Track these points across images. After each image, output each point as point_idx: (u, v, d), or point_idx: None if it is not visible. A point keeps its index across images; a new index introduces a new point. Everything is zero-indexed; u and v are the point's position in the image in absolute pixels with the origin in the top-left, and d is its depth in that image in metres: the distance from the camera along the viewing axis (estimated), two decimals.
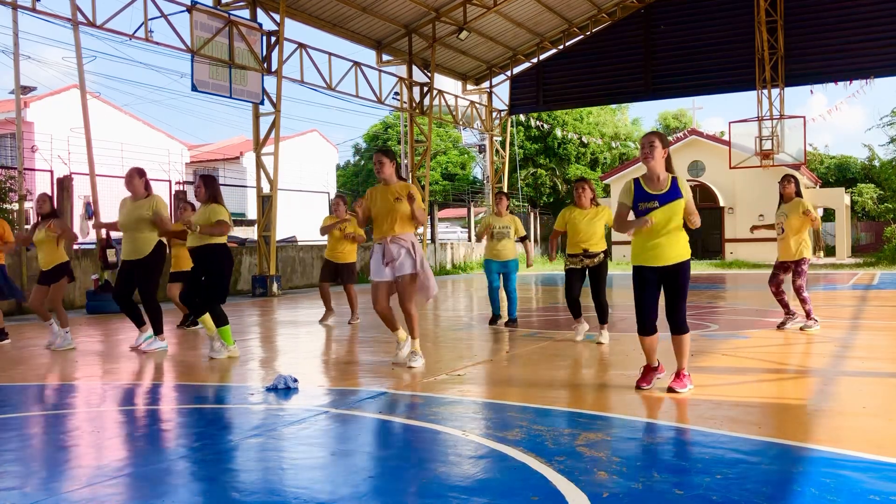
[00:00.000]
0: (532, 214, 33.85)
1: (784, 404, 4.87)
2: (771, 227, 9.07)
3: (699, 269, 26.17)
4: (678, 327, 5.27)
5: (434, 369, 6.35)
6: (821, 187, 37.26)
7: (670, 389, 5.20)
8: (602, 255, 7.76)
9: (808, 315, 8.54)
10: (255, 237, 17.50)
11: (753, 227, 9.36)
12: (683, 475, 3.42)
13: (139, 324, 7.82)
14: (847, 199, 34.30)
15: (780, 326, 8.70)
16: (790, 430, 4.24)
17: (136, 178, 7.67)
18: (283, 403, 5.12)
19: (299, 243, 20.86)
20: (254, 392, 5.55)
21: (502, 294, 9.50)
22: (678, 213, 5.18)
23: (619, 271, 22.07)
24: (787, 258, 8.44)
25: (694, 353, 6.96)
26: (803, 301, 8.49)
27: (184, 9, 14.50)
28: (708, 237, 33.88)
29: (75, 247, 13.49)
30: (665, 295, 5.32)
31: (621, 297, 13.43)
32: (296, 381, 5.61)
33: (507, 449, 3.87)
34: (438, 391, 5.44)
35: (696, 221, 5.24)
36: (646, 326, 5.35)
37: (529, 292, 15.89)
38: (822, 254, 35.17)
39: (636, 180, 5.29)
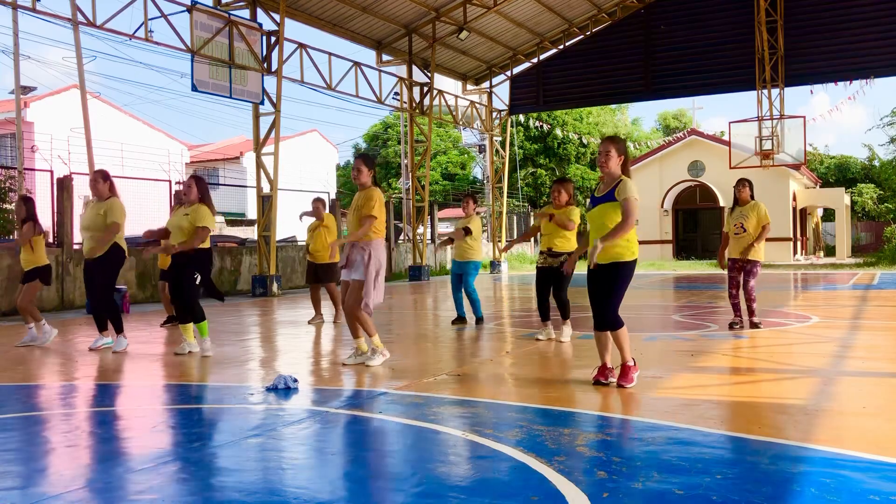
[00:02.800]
0: (532, 214, 33.87)
1: (784, 404, 4.87)
2: (724, 243, 9.02)
3: (699, 268, 26.17)
4: (607, 324, 5.41)
5: (434, 369, 6.35)
6: (821, 187, 37.26)
7: (619, 386, 5.38)
8: (565, 256, 7.76)
9: (752, 313, 8.72)
10: (255, 237, 17.50)
11: (720, 262, 9.05)
12: (683, 475, 3.41)
13: (101, 328, 7.96)
14: (847, 199, 34.30)
15: (732, 327, 8.75)
16: (790, 430, 4.24)
17: (101, 182, 7.77)
18: (283, 403, 5.12)
19: (299, 243, 20.85)
20: (254, 392, 5.55)
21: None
22: (606, 215, 5.35)
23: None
24: (744, 256, 8.56)
25: (694, 353, 6.97)
26: (753, 300, 8.70)
27: (184, 9, 14.50)
28: (708, 237, 33.90)
29: (75, 246, 13.48)
30: (597, 292, 5.48)
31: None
32: (296, 381, 5.61)
33: (507, 449, 3.87)
34: (438, 391, 5.44)
35: (622, 229, 5.21)
36: (595, 321, 5.54)
37: (529, 292, 15.89)
38: (821, 254, 35.20)
39: (598, 183, 5.62)
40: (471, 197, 9.95)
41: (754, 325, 8.70)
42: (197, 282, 7.28)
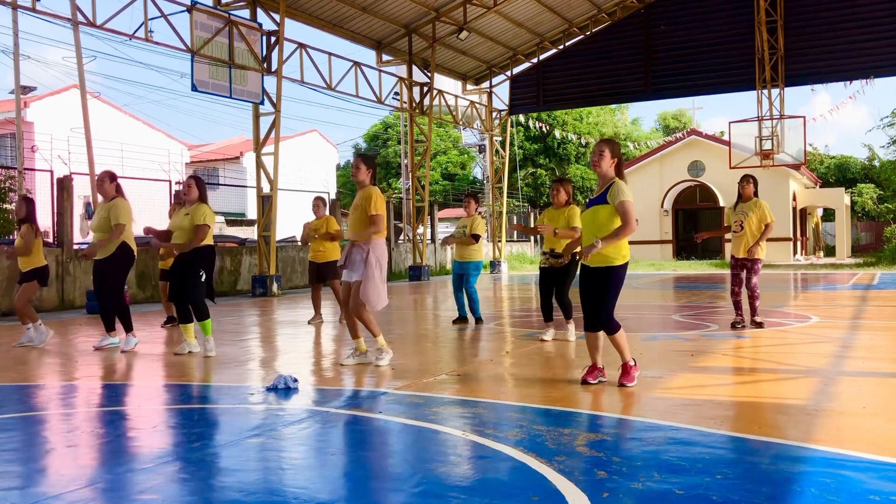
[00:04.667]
0: (532, 214, 33.88)
1: (784, 404, 4.87)
2: (717, 232, 9.98)
3: (699, 269, 26.17)
4: (605, 328, 5.42)
5: (434, 369, 6.35)
6: (821, 187, 37.27)
7: (621, 385, 5.38)
8: (569, 257, 7.72)
9: (754, 312, 8.67)
10: (255, 237, 17.51)
11: (698, 236, 9.14)
12: (683, 475, 3.41)
13: (109, 327, 7.99)
14: (847, 199, 34.31)
15: (734, 326, 8.74)
16: (790, 430, 4.24)
17: (107, 182, 7.80)
18: (283, 403, 5.12)
19: (299, 243, 20.85)
20: (254, 392, 5.55)
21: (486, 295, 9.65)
22: (599, 218, 5.35)
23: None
24: (745, 256, 8.51)
25: (694, 353, 6.97)
26: (756, 297, 8.63)
27: (184, 9, 14.50)
28: (708, 237, 33.89)
29: (75, 247, 13.48)
30: (589, 295, 5.49)
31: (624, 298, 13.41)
32: (296, 381, 5.61)
33: (507, 449, 3.87)
34: (438, 391, 5.44)
35: (624, 231, 5.21)
36: (585, 322, 5.54)
37: (529, 292, 15.89)
38: (821, 254, 35.20)
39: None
40: (472, 196, 9.93)
41: (757, 325, 8.63)
42: (202, 279, 7.31)
